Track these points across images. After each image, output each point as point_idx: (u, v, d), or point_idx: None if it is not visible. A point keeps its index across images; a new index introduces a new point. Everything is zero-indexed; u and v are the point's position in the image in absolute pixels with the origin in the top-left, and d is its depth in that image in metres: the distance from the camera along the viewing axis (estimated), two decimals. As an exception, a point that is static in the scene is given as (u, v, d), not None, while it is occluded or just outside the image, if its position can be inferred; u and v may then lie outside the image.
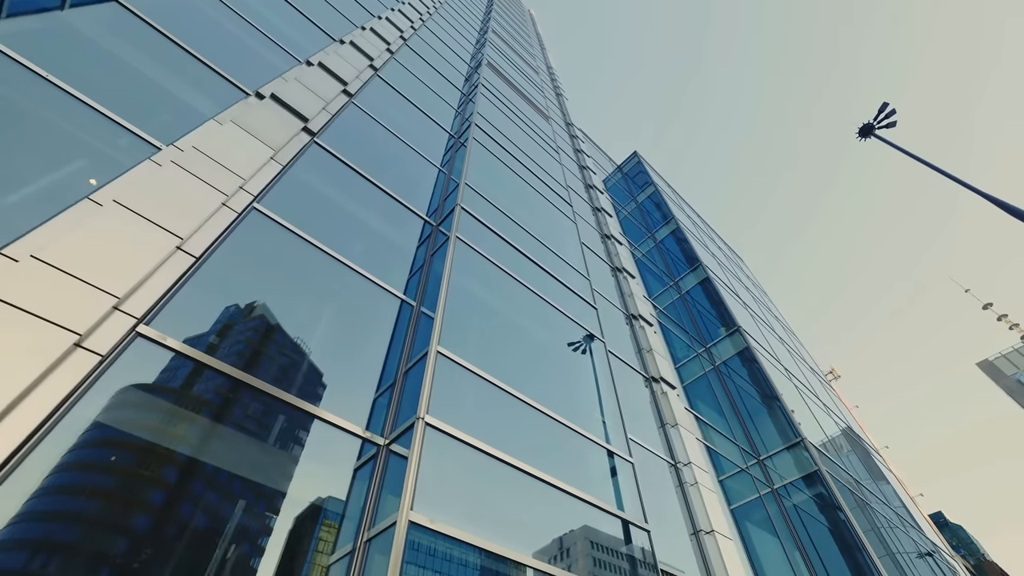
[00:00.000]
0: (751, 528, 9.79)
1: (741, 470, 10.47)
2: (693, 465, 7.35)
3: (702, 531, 6.60)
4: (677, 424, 7.90)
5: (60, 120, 3.85)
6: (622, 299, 10.44)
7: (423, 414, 3.79)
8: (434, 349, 4.37)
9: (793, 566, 8.86)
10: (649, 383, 8.69)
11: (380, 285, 5.46)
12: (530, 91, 15.91)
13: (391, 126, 8.23)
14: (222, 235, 4.21)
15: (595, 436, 5.51)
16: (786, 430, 10.80)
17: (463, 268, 5.83)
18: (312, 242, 5.10)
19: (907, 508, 17.73)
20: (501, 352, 5.39)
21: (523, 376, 5.30)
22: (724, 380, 12.27)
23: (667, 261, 16.16)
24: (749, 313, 15.56)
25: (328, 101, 6.79)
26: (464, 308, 5.43)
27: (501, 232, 7.21)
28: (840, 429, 15.07)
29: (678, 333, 13.49)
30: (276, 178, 5.22)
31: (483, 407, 4.55)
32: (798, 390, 13.47)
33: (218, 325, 3.89)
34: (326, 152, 6.33)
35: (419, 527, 3.19)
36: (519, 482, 4.21)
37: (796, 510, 9.93)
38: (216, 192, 4.26)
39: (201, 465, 3.12)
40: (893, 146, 15.58)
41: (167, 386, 3.28)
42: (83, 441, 2.72)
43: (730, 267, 20.05)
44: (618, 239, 12.73)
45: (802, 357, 18.47)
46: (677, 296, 14.68)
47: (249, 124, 5.15)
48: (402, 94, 9.49)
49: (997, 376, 77.13)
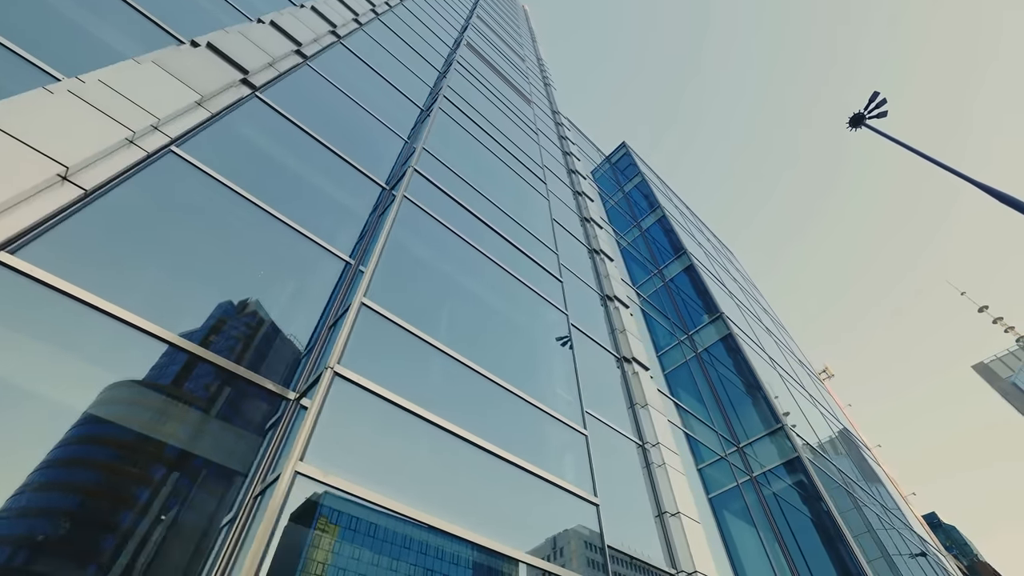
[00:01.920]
0: (729, 517, 9.43)
1: (720, 458, 10.12)
2: (661, 446, 6.99)
3: (667, 513, 6.24)
4: (647, 405, 7.55)
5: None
6: (598, 280, 10.10)
7: (333, 363, 3.43)
8: (359, 300, 4.01)
9: (770, 555, 8.50)
10: (621, 363, 8.34)
11: (322, 245, 5.11)
12: (512, 75, 15.58)
13: (354, 95, 7.88)
14: (126, 173, 3.86)
15: (545, 405, 5.15)
16: (767, 417, 10.45)
17: (409, 227, 5.48)
18: (245, 196, 4.75)
19: (899, 506, 17.39)
20: (444, 314, 5.04)
21: (467, 340, 4.94)
22: (706, 367, 11.92)
23: (652, 250, 15.83)
24: (735, 303, 15.23)
25: (276, 58, 6.44)
26: (406, 267, 5.08)
27: (460, 199, 6.86)
28: (828, 422, 14.73)
29: (660, 321, 13.15)
30: (203, 125, 4.86)
31: (414, 366, 4.19)
32: (782, 379, 13.12)
33: (115, 266, 3.52)
34: (271, 108, 5.98)
35: (309, 479, 2.83)
36: (447, 445, 3.85)
37: (776, 498, 9.58)
38: (119, 126, 3.90)
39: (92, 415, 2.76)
40: (884, 135, 15.31)
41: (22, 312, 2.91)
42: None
43: (718, 258, 19.72)
44: (598, 222, 12.40)
45: (791, 350, 18.13)
46: (661, 284, 14.34)
47: (174, 67, 4.80)
48: (369, 65, 9.15)
49: (992, 379, 76.99)
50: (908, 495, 27.55)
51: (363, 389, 3.49)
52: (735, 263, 24.26)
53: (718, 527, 8.99)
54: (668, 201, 19.71)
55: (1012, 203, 8.77)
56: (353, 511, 3.09)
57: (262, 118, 5.85)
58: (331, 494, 3.00)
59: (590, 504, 4.60)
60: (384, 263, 4.65)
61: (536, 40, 31.82)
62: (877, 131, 15.35)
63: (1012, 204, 8.78)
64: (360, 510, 3.11)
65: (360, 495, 2.95)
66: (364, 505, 3.09)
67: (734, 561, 8.58)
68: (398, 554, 3.05)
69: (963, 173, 10.17)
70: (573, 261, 9.65)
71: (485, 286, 5.96)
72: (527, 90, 15.80)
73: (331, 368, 3.38)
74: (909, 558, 14.11)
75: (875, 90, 15.66)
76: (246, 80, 5.76)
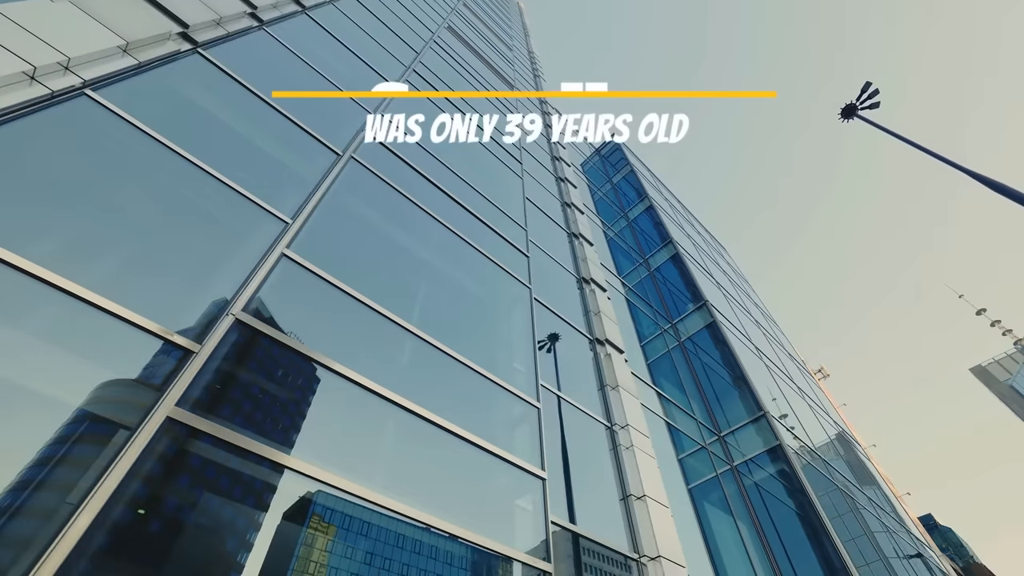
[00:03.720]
0: (709, 507, 9.10)
1: (701, 447, 9.79)
2: (631, 428, 6.66)
3: (632, 496, 5.90)
4: (619, 387, 7.22)
5: None
6: (575, 263, 9.79)
7: (236, 310, 3.11)
8: (279, 249, 3.70)
9: (747, 544, 8.16)
10: (593, 344, 8.01)
11: (260, 205, 4.78)
12: (496, 61, 15.31)
13: (315, 64, 7.58)
14: (24, 107, 3.55)
15: (496, 376, 4.83)
16: (751, 405, 10.11)
17: (356, 189, 5.17)
18: (175, 149, 4.43)
19: (894, 507, 17.04)
20: (386, 275, 4.71)
21: (408, 301, 4.62)
22: (689, 357, 11.59)
23: (639, 240, 15.51)
24: (723, 293, 14.91)
25: (225, 17, 6.14)
26: (347, 226, 4.77)
27: (423, 170, 6.55)
28: (817, 415, 14.39)
29: (645, 310, 12.83)
30: (129, 72, 4.55)
31: (336, 320, 3.86)
32: (769, 370, 12.79)
33: (15, 215, 3.20)
34: (214, 66, 5.67)
35: (180, 424, 2.50)
36: (365, 403, 3.52)
37: (757, 488, 9.24)
38: (16, 59, 3.59)
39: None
40: (877, 126, 15.02)
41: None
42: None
43: (707, 251, 19.40)
44: (579, 208, 12.10)
45: (781, 344, 17.80)
46: (647, 273, 14.02)
47: (95, 9, 4.49)
48: (336, 38, 8.86)
49: (990, 381, 76.58)
50: (903, 495, 27.14)
51: (267, 337, 3.17)
52: (726, 257, 23.94)
53: (697, 517, 8.66)
54: (657, 192, 19.41)
55: (1009, 193, 8.46)
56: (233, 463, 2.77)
57: (205, 76, 5.54)
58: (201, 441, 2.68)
59: (536, 478, 4.27)
60: (319, 219, 4.34)
61: (529, 35, 31.61)
62: (870, 122, 15.05)
63: (1009, 194, 8.46)
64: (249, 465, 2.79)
65: (236, 443, 2.62)
66: (257, 460, 2.77)
67: (712, 552, 8.25)
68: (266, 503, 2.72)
69: (958, 163, 9.86)
70: (549, 242, 9.35)
71: (438, 252, 5.64)
72: (511, 76, 15.52)
73: (231, 315, 3.06)
74: (904, 560, 13.73)
75: (867, 80, 15.37)
76: (186, 35, 5.46)
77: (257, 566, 2.46)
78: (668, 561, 5.38)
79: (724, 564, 8.29)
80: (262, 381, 3.09)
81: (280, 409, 3.07)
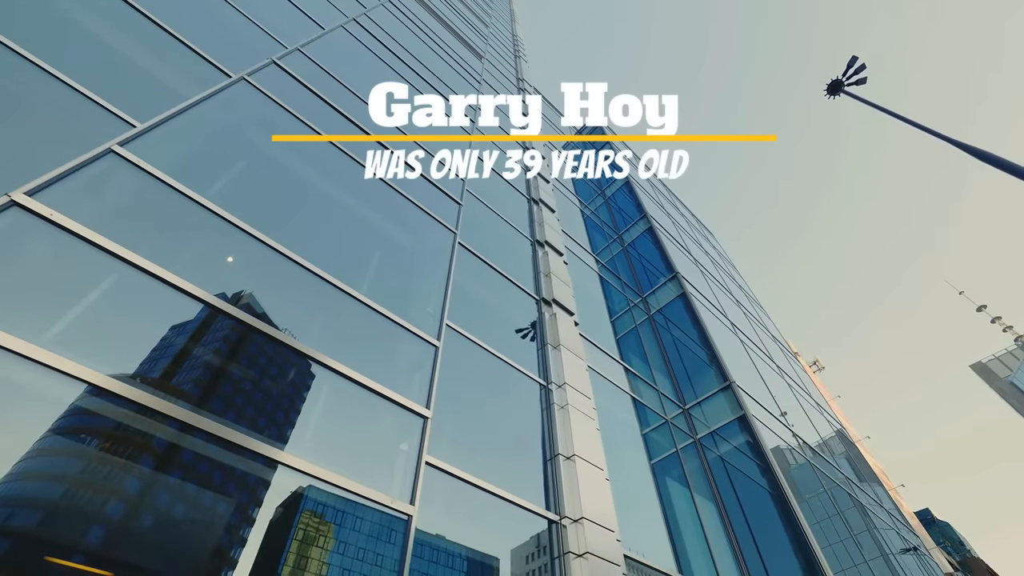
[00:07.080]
0: (670, 483, 8.59)
1: (664, 421, 9.28)
2: (568, 387, 6.16)
3: (561, 455, 5.40)
4: (560, 346, 6.72)
5: None
6: (531, 226, 9.30)
7: (17, 193, 2.62)
8: (109, 145, 3.21)
9: (704, 522, 7.65)
10: (540, 304, 7.52)
11: (104, 107, 4.28)
12: (466, 32, 14.82)
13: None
14: None
15: (394, 314, 4.34)
16: (718, 376, 9.60)
17: (244, 111, 4.68)
18: (17, 50, 3.94)
19: (887, 499, 16.49)
20: (277, 208, 4.23)
21: (310, 240, 4.13)
22: (659, 330, 11.08)
23: (615, 217, 15.00)
24: (700, 270, 14.37)
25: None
26: (221, 145, 4.28)
27: (341, 108, 6.06)
28: (796, 394, 13.85)
29: (616, 285, 12.33)
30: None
31: (181, 236, 3.37)
32: (743, 345, 12.25)
33: None
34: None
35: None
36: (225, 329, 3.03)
37: (722, 461, 8.73)
38: None
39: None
40: (864, 101, 14.47)
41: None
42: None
43: (689, 231, 18.86)
44: (544, 177, 11.61)
45: (764, 326, 17.25)
46: (620, 249, 13.51)
47: None
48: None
49: (990, 378, 75.77)
50: (897, 487, 26.55)
51: (96, 247, 2.68)
52: (711, 241, 23.39)
53: (658, 494, 8.16)
54: (635, 170, 18.88)
55: (999, 164, 7.88)
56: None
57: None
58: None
59: (419, 417, 3.77)
60: (178, 129, 3.85)
61: (516, 20, 31.14)
62: (856, 97, 14.52)
63: (999, 165, 7.88)
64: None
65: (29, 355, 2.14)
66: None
67: (671, 529, 7.74)
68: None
69: (945, 135, 9.29)
70: (503, 205, 8.87)
71: (349, 192, 5.16)
72: (481, 48, 15.03)
73: (7, 196, 2.58)
74: (898, 555, 13.19)
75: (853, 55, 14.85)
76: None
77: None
78: (592, 523, 4.88)
79: (684, 543, 7.78)
80: (105, 301, 2.61)
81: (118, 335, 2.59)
